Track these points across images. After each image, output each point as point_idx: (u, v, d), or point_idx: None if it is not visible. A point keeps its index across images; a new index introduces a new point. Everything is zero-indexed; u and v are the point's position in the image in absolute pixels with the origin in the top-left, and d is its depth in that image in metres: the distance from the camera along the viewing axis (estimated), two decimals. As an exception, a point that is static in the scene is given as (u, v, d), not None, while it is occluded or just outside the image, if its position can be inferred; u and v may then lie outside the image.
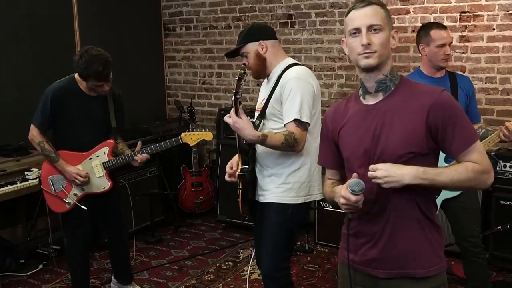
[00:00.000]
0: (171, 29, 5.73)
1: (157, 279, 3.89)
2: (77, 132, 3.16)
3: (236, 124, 2.38)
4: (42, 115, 3.09)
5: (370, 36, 1.65)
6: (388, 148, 1.66)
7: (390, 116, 1.68)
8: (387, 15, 1.69)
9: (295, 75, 2.54)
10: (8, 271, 3.91)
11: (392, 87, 1.72)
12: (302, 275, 3.86)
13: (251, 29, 2.68)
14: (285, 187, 2.58)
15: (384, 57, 1.68)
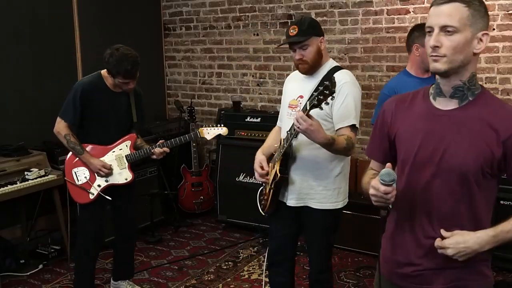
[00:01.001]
0: (171, 29, 5.73)
1: (157, 279, 3.89)
2: (102, 126, 3.27)
3: (311, 127, 2.23)
4: (74, 110, 3.18)
5: (440, 38, 1.51)
6: (453, 163, 1.55)
7: (463, 128, 1.55)
8: (473, 15, 1.50)
9: (350, 80, 2.55)
10: (8, 271, 3.91)
11: (469, 97, 1.57)
12: (302, 275, 3.86)
13: (314, 22, 2.62)
14: (331, 193, 2.61)
15: (456, 62, 1.52)
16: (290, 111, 2.67)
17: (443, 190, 1.59)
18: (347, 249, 4.21)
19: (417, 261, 1.66)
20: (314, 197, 2.62)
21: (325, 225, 2.68)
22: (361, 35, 4.60)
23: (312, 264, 2.82)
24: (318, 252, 2.76)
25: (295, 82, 2.73)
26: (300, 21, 2.59)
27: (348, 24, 4.65)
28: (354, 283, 3.73)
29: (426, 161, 1.60)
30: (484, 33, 1.54)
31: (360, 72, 4.63)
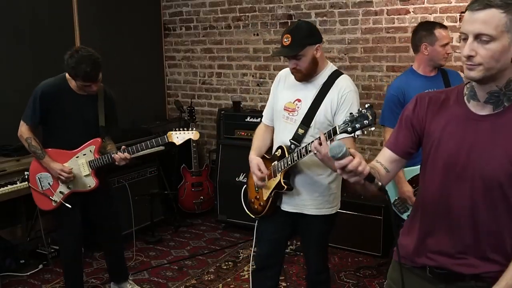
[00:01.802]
0: (171, 29, 5.73)
1: (157, 279, 3.88)
2: (66, 130, 3.18)
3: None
4: (32, 112, 3.13)
5: (475, 46, 1.43)
6: (484, 170, 1.50)
7: (494, 133, 1.50)
8: (510, 20, 1.41)
9: (353, 88, 2.52)
10: (8, 271, 3.91)
11: (506, 103, 1.50)
12: (302, 275, 3.86)
13: (309, 29, 2.52)
14: (326, 199, 2.60)
15: (494, 70, 1.45)
16: (286, 114, 2.60)
17: (475, 197, 1.55)
18: (347, 249, 4.21)
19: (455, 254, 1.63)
20: (310, 204, 2.60)
21: (321, 230, 2.69)
22: (361, 35, 4.60)
23: (311, 266, 2.82)
24: (315, 254, 2.78)
25: (290, 83, 2.63)
26: (294, 30, 2.49)
27: (348, 24, 4.65)
28: (354, 283, 3.73)
29: (456, 166, 1.56)
30: None
31: (360, 72, 4.63)
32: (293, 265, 4.04)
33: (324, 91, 2.50)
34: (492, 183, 1.50)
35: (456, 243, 1.59)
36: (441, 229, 1.61)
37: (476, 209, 1.55)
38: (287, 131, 2.58)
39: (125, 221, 4.21)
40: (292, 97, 2.60)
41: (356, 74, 4.66)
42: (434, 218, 1.63)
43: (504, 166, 1.48)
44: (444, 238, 1.61)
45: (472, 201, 1.55)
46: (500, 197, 1.51)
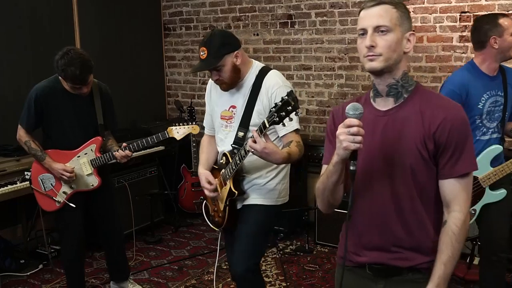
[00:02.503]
0: (171, 29, 5.73)
1: (157, 279, 3.89)
2: (64, 131, 3.18)
3: (266, 150, 2.15)
4: (28, 115, 3.13)
5: (375, 38, 1.57)
6: (396, 159, 1.61)
7: (398, 125, 1.62)
8: (401, 16, 1.59)
9: (282, 83, 2.46)
10: (8, 271, 3.91)
11: (404, 94, 1.64)
12: (302, 275, 3.86)
13: (224, 38, 2.45)
14: (269, 189, 2.55)
15: (391, 60, 1.59)
16: (223, 123, 2.59)
17: (396, 188, 1.62)
18: (347, 249, 4.20)
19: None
20: (256, 194, 2.56)
21: (256, 221, 2.57)
22: (361, 35, 4.59)
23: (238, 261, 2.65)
24: (244, 248, 2.60)
25: (220, 91, 2.60)
26: (208, 42, 2.43)
27: (348, 24, 4.65)
28: (354, 283, 3.73)
29: (375, 164, 1.63)
30: (411, 33, 1.62)
31: (360, 72, 4.63)
32: (293, 265, 4.04)
33: (254, 93, 2.48)
34: (405, 170, 1.60)
35: (387, 237, 1.66)
36: (372, 225, 1.68)
37: (398, 200, 1.63)
38: (228, 138, 2.56)
39: (125, 221, 4.21)
40: (226, 105, 2.59)
41: (356, 74, 4.67)
42: (363, 216, 1.69)
43: (412, 151, 1.59)
44: (376, 234, 1.67)
45: (393, 194, 1.63)
46: (414, 184, 1.61)
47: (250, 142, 2.16)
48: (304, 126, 4.97)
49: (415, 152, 1.58)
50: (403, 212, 1.63)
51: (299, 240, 4.49)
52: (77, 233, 3.28)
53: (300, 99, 4.97)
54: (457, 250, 1.59)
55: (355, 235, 1.72)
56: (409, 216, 1.63)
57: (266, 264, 4.06)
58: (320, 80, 4.86)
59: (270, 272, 3.92)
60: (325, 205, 1.76)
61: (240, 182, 2.56)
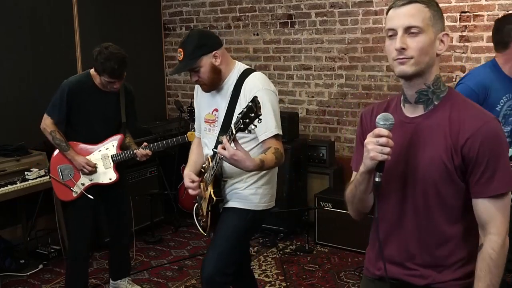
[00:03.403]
0: (171, 29, 5.73)
1: (157, 279, 3.89)
2: (89, 125, 3.26)
3: (234, 157, 2.07)
4: (59, 108, 3.19)
5: (406, 39, 1.46)
6: (419, 171, 1.52)
7: (425, 134, 1.52)
8: (433, 15, 1.48)
9: (262, 86, 2.36)
10: (8, 271, 3.91)
11: (435, 101, 1.53)
12: (302, 275, 3.86)
13: (200, 38, 2.38)
14: (249, 193, 2.49)
15: (423, 64, 1.48)
16: (207, 126, 2.55)
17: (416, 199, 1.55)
18: (347, 249, 4.21)
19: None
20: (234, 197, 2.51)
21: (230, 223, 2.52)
22: (361, 35, 4.60)
23: (206, 262, 2.63)
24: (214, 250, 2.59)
25: (205, 94, 2.54)
26: (184, 43, 2.39)
27: (348, 24, 4.65)
28: (354, 283, 3.73)
29: (401, 174, 1.56)
30: (444, 33, 1.52)
31: (360, 72, 4.63)
32: (293, 265, 4.04)
33: (235, 96, 2.41)
34: (427, 182, 1.51)
35: (403, 252, 1.59)
36: (392, 238, 1.62)
37: (417, 214, 1.55)
38: (211, 142, 2.53)
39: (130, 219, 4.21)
40: (210, 108, 2.55)
41: (356, 74, 4.67)
42: (385, 227, 1.62)
43: (436, 163, 1.49)
44: (394, 248, 1.61)
45: (413, 207, 1.55)
46: (435, 197, 1.52)
47: (219, 149, 2.09)
48: (304, 126, 4.97)
49: (439, 164, 1.49)
50: (421, 227, 1.55)
51: (299, 240, 4.49)
52: (86, 229, 3.32)
53: (300, 99, 4.99)
54: (496, 276, 1.48)
55: (376, 246, 1.66)
56: (427, 231, 1.55)
57: (266, 264, 4.06)
58: (320, 80, 4.86)
59: (270, 272, 3.92)
60: (355, 212, 1.70)
61: (221, 188, 2.50)
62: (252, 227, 2.63)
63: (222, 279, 2.48)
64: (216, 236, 2.56)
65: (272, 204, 2.59)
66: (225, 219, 2.52)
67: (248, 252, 2.90)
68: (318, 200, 4.32)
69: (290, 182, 4.42)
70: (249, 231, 2.63)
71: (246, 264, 2.88)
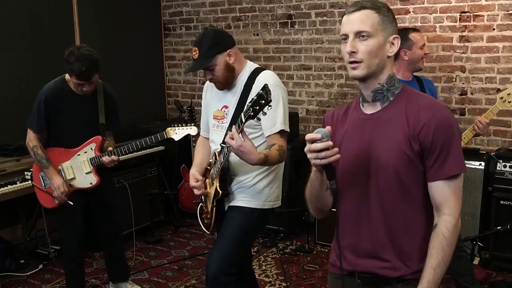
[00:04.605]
0: (171, 29, 5.73)
1: (157, 279, 3.89)
2: (68, 130, 3.21)
3: (241, 148, 2.11)
4: (37, 118, 3.14)
5: (356, 43, 1.56)
6: (381, 161, 1.59)
7: (384, 127, 1.61)
8: (383, 20, 1.57)
9: (273, 82, 2.39)
10: (8, 271, 3.91)
11: (390, 97, 1.63)
12: (302, 275, 3.86)
13: (215, 37, 2.43)
14: (254, 191, 2.50)
15: (374, 66, 1.57)
16: (216, 123, 2.57)
17: (380, 190, 1.61)
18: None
19: None
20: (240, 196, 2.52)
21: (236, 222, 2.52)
22: (361, 35, 4.59)
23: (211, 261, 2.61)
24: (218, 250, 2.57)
25: (215, 91, 2.58)
26: (199, 41, 2.42)
27: (348, 24, 4.64)
28: (354, 283, 3.73)
29: (361, 166, 1.63)
30: (395, 36, 1.60)
31: (360, 72, 4.63)
32: (293, 265, 4.04)
33: (246, 92, 2.45)
34: (389, 171, 1.58)
35: (373, 243, 1.64)
36: (359, 231, 1.66)
37: (382, 204, 1.61)
38: (218, 138, 2.54)
39: (125, 221, 4.21)
40: (219, 105, 2.57)
41: (356, 74, 4.66)
42: (351, 221, 1.67)
43: (396, 152, 1.57)
44: (363, 240, 1.65)
45: (378, 197, 1.61)
46: (398, 187, 1.58)
47: (227, 138, 2.14)
48: (304, 126, 4.97)
49: (399, 153, 1.56)
50: (387, 216, 1.61)
51: (299, 240, 4.49)
52: (77, 232, 3.29)
53: (300, 99, 4.99)
54: (448, 254, 1.55)
55: (344, 241, 1.70)
56: (393, 220, 1.60)
57: (266, 264, 4.06)
58: (320, 80, 4.86)
59: (270, 272, 3.92)
60: (314, 211, 1.78)
61: (227, 183, 2.51)
62: (258, 226, 2.64)
63: (226, 278, 2.48)
64: (221, 235, 2.56)
65: (278, 204, 2.61)
66: (230, 218, 2.53)
67: (249, 252, 2.90)
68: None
69: (290, 182, 4.42)
70: (254, 230, 2.64)
71: (248, 264, 2.87)
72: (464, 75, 4.20)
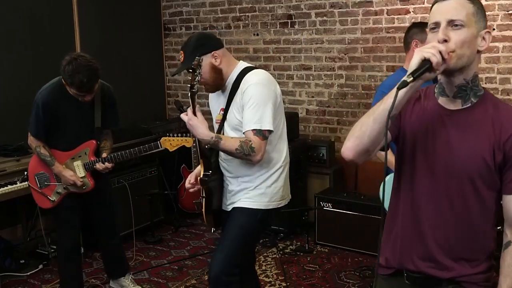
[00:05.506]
0: (171, 29, 5.73)
1: (157, 279, 3.89)
2: (64, 133, 3.18)
3: (190, 121, 2.28)
4: (37, 124, 3.12)
5: (448, 32, 1.45)
6: (457, 166, 1.53)
7: (467, 128, 1.53)
8: (477, 12, 1.48)
9: (256, 81, 2.39)
10: (8, 271, 3.91)
11: (472, 98, 1.53)
12: (302, 275, 3.86)
13: (199, 40, 2.46)
14: (258, 192, 2.50)
15: (465, 58, 1.47)
16: (216, 127, 2.60)
17: (452, 191, 1.55)
18: (347, 249, 4.21)
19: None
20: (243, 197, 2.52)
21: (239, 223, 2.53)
22: (361, 35, 4.60)
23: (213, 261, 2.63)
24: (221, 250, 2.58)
25: (215, 96, 2.63)
26: (185, 45, 2.48)
27: (348, 24, 4.65)
28: (354, 283, 3.73)
29: (434, 164, 1.56)
30: (487, 31, 1.51)
31: (360, 72, 4.63)
32: (293, 265, 4.04)
33: (233, 92, 2.46)
34: (465, 177, 1.52)
35: (432, 245, 1.59)
36: (418, 231, 1.61)
37: (452, 208, 1.55)
38: None
39: (125, 221, 4.21)
40: (218, 108, 2.61)
41: (356, 74, 4.67)
42: (409, 219, 1.62)
43: (476, 159, 1.50)
44: (420, 241, 1.60)
45: (449, 201, 1.55)
46: (472, 193, 1.53)
47: (182, 115, 2.32)
48: (304, 126, 4.97)
49: (480, 160, 1.50)
50: (454, 220, 1.56)
51: (299, 240, 4.49)
52: (74, 232, 3.30)
53: (300, 99, 5.00)
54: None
55: (397, 239, 1.66)
56: (461, 226, 1.56)
57: (266, 264, 4.06)
58: (320, 80, 4.86)
59: (270, 272, 3.92)
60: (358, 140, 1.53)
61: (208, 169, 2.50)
62: (261, 227, 2.63)
63: (229, 279, 2.48)
64: (224, 235, 2.57)
65: (283, 203, 2.60)
66: (234, 218, 2.53)
67: (253, 252, 2.90)
68: (318, 200, 4.33)
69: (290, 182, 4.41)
70: (257, 231, 2.63)
71: (251, 264, 2.88)
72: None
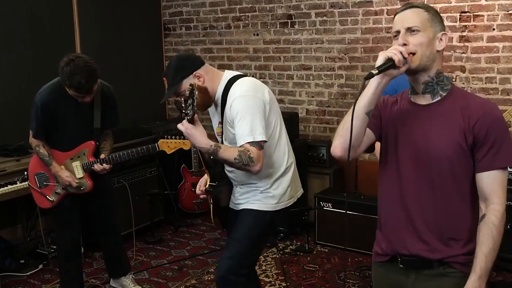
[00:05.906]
0: (171, 29, 5.73)
1: (157, 279, 3.89)
2: (63, 133, 3.18)
3: (188, 131, 2.31)
4: (37, 124, 3.12)
5: (407, 37, 1.66)
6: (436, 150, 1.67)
7: (439, 119, 1.69)
8: (432, 18, 1.69)
9: (239, 93, 2.39)
10: (8, 271, 3.91)
11: (440, 92, 1.71)
12: (302, 275, 3.86)
13: (178, 63, 2.46)
14: (266, 195, 2.51)
15: (425, 58, 1.67)
16: (219, 139, 2.62)
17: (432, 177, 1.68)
18: (347, 249, 4.21)
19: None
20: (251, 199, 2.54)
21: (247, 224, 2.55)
22: (361, 35, 4.60)
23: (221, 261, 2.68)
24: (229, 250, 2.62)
25: (212, 109, 2.64)
26: (166, 72, 2.49)
27: (348, 24, 4.65)
28: (354, 283, 3.73)
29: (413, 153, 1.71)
30: (443, 33, 1.70)
31: (360, 72, 4.63)
32: (293, 265, 4.04)
33: (223, 107, 2.48)
34: (443, 161, 1.66)
35: (421, 228, 1.71)
36: (408, 216, 1.73)
37: (434, 191, 1.69)
38: None
39: (125, 221, 4.21)
40: (216, 122, 2.63)
41: (356, 74, 4.67)
42: (399, 207, 1.75)
43: (451, 144, 1.66)
44: (410, 225, 1.73)
45: (430, 184, 1.69)
46: (451, 177, 1.67)
47: (178, 125, 2.33)
48: (304, 126, 4.97)
49: (454, 145, 1.65)
50: (438, 202, 1.68)
51: (299, 240, 4.49)
52: (73, 232, 3.30)
53: (300, 99, 5.00)
54: (498, 242, 1.66)
55: (387, 226, 1.80)
56: (445, 207, 1.68)
57: (266, 264, 4.06)
58: (320, 80, 4.86)
59: (270, 272, 3.92)
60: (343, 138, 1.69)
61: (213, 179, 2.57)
62: (269, 229, 2.65)
63: (236, 279, 2.50)
64: (232, 236, 2.59)
65: (291, 201, 2.61)
66: (242, 219, 2.55)
67: None
68: (318, 200, 4.33)
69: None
70: (265, 232, 2.64)
71: None
72: (464, 75, 4.20)
